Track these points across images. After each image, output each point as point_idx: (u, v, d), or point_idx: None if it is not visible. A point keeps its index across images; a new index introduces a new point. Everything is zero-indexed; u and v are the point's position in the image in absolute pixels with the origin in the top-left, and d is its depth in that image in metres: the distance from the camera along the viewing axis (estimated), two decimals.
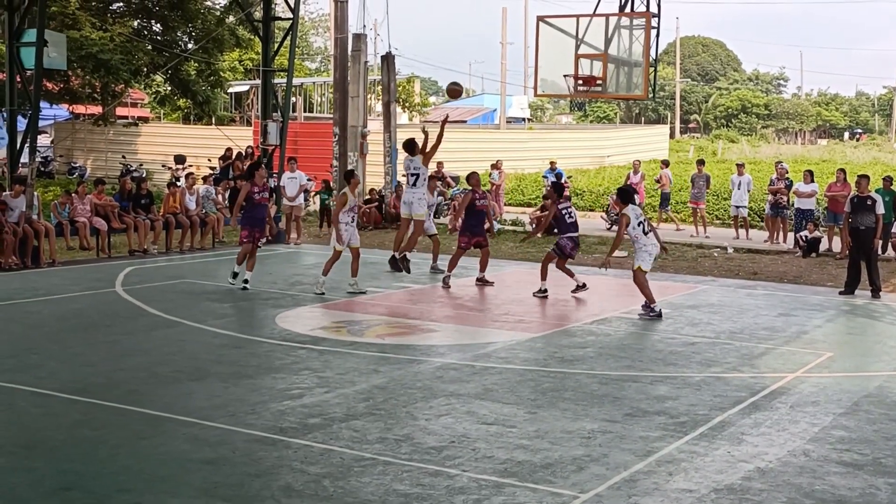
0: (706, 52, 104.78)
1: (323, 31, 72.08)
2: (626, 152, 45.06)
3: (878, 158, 50.78)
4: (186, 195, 19.54)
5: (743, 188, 22.70)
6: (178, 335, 11.51)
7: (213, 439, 7.53)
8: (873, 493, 6.71)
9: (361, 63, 25.55)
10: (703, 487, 6.71)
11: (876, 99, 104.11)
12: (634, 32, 18.06)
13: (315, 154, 30.57)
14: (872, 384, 9.73)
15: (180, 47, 29.93)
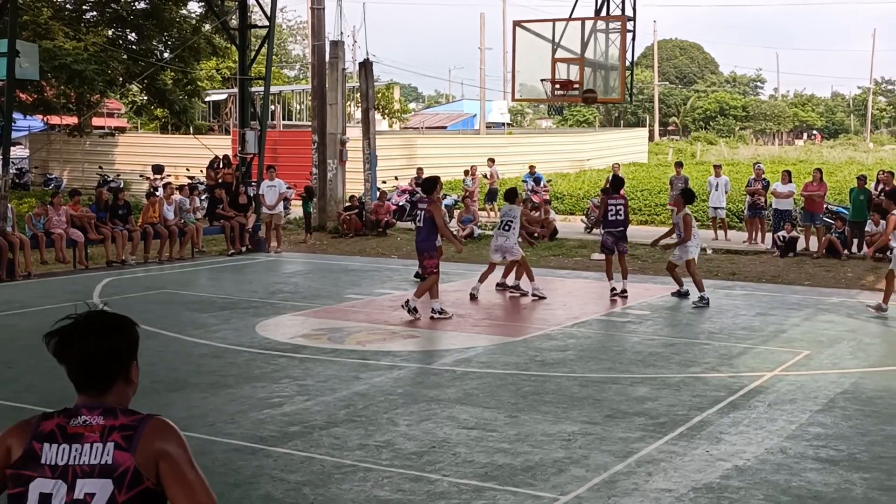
0: (684, 54, 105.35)
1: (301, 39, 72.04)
2: (605, 156, 45.25)
3: (854, 158, 51.21)
4: (164, 205, 19.47)
5: (720, 189, 22.83)
6: (157, 346, 11.45)
7: (192, 449, 7.46)
8: (849, 489, 6.76)
9: (339, 70, 25.57)
10: (681, 487, 6.74)
11: (851, 99, 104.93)
12: (611, 36, 18.14)
13: (294, 162, 30.53)
14: (848, 381, 9.81)
15: (156, 56, 29.83)
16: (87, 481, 2.67)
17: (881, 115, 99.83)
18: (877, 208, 18.25)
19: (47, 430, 2.76)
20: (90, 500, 2.67)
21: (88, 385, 2.82)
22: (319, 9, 25.76)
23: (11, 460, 2.73)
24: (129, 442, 2.71)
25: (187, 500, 2.72)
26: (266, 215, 21.13)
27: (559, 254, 20.47)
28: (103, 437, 2.72)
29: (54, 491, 2.68)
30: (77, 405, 2.81)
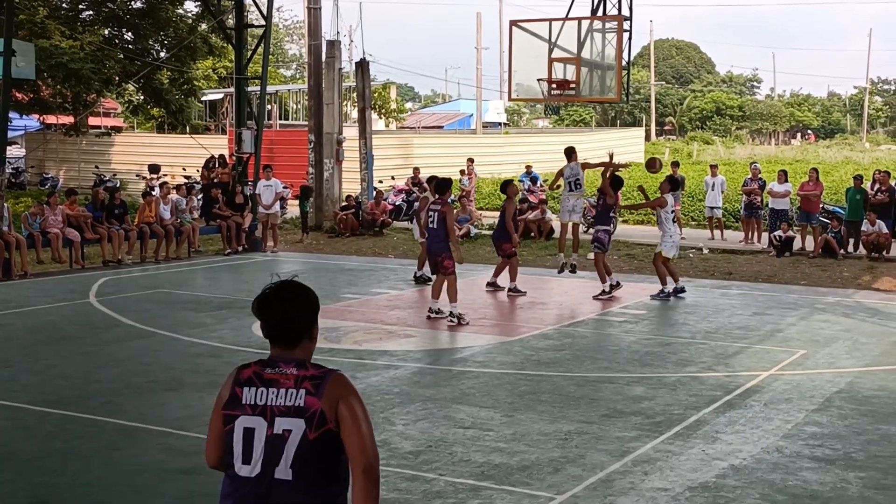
0: (680, 54, 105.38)
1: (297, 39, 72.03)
2: (602, 155, 45.11)
3: (850, 158, 51.26)
4: (161, 204, 19.45)
5: (717, 189, 22.84)
6: (153, 345, 11.45)
7: (188, 449, 7.50)
8: (844, 487, 6.78)
9: (336, 70, 25.54)
10: (677, 486, 6.75)
11: (847, 99, 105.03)
12: (607, 36, 18.16)
13: (291, 161, 30.50)
14: (844, 380, 9.83)
15: (152, 56, 29.78)
16: (284, 420, 3.23)
17: (877, 114, 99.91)
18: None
19: (245, 377, 3.36)
20: (287, 435, 3.23)
21: (282, 340, 3.39)
22: (316, 8, 25.74)
23: (222, 404, 3.36)
24: (317, 389, 3.27)
25: (358, 446, 3.25)
26: (262, 215, 21.12)
27: (555, 253, 20.44)
28: (296, 384, 3.29)
29: (256, 426, 3.26)
30: (272, 357, 3.40)
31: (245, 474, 3.27)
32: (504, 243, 15.23)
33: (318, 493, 3.25)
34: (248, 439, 3.27)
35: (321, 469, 3.25)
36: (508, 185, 15.65)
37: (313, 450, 3.23)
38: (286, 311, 3.38)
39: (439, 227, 12.90)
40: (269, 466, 3.24)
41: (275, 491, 3.23)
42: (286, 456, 3.23)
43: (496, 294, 15.26)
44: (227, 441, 3.33)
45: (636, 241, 21.79)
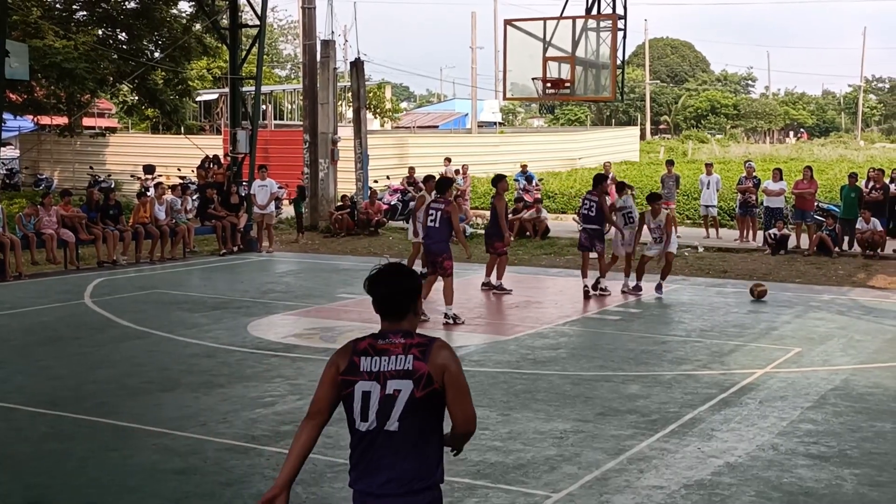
0: (675, 53, 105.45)
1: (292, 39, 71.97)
2: (596, 154, 45.26)
3: (845, 156, 51.33)
4: (156, 205, 19.42)
5: (712, 188, 22.86)
6: (148, 346, 11.44)
7: (183, 449, 7.50)
8: (839, 485, 6.79)
9: (330, 70, 25.54)
10: (673, 484, 6.76)
11: (842, 97, 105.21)
12: (601, 34, 18.14)
13: (286, 162, 30.48)
14: (839, 378, 9.84)
15: (147, 56, 29.74)
16: (394, 381, 3.80)
17: (872, 112, 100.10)
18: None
19: (362, 347, 3.89)
20: (397, 394, 3.80)
21: (390, 314, 3.91)
22: (310, 8, 25.72)
23: (341, 371, 3.88)
24: (423, 355, 3.82)
25: (459, 405, 3.87)
26: (258, 215, 21.10)
27: (551, 252, 20.49)
28: (405, 351, 3.83)
29: (372, 389, 3.82)
30: (382, 330, 3.92)
31: (363, 429, 3.86)
32: (496, 241, 15.19)
33: (418, 443, 3.84)
34: (366, 400, 3.84)
35: (423, 422, 3.83)
36: (501, 179, 15.36)
37: (418, 406, 3.80)
38: (394, 289, 3.91)
39: (442, 226, 12.75)
40: (382, 421, 3.82)
41: (389, 439, 3.83)
42: (395, 411, 3.80)
43: (491, 293, 15.24)
44: (347, 403, 3.90)
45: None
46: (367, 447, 3.88)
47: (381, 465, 3.86)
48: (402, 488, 3.84)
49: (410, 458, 3.85)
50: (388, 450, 3.84)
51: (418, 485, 3.86)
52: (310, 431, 4.02)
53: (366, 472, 3.89)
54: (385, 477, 3.85)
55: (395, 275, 3.93)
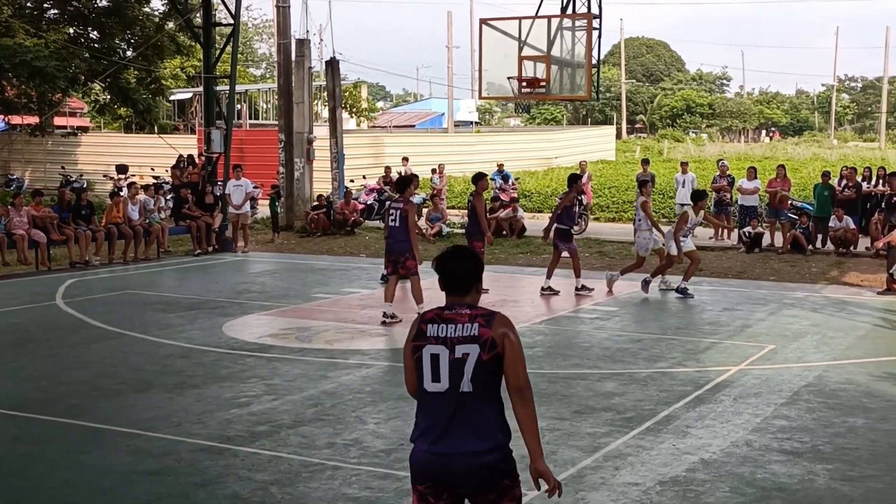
0: (650, 53, 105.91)
1: (267, 37, 71.66)
2: (573, 153, 45.40)
3: (818, 154, 51.75)
4: (129, 205, 19.28)
5: (687, 186, 22.91)
6: (121, 347, 11.35)
7: (157, 450, 7.44)
8: (812, 480, 6.84)
9: (306, 69, 25.45)
10: (648, 480, 6.78)
11: (815, 97, 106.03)
12: (577, 34, 18.17)
13: (261, 161, 30.36)
14: (812, 374, 9.91)
15: (119, 55, 29.51)
16: (462, 346, 4.22)
17: (845, 112, 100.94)
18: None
19: (429, 317, 4.35)
20: (466, 357, 4.20)
21: (456, 290, 4.39)
22: (285, 7, 25.62)
23: (411, 340, 4.34)
24: (488, 323, 4.26)
25: (515, 370, 4.27)
26: (233, 215, 20.99)
27: (527, 251, 20.52)
28: (470, 320, 4.27)
29: (440, 353, 4.24)
30: (448, 303, 4.38)
31: (434, 390, 4.24)
32: (476, 241, 15.17)
33: (487, 400, 4.23)
34: (435, 363, 4.23)
35: (490, 384, 4.23)
36: (481, 178, 15.35)
37: (485, 367, 4.21)
38: (460, 268, 4.41)
39: (401, 224, 12.53)
40: (455, 382, 4.21)
41: (461, 399, 4.20)
42: (466, 373, 4.20)
43: None
44: (417, 367, 4.30)
45: (607, 238, 21.88)
46: (439, 408, 4.24)
47: (452, 425, 4.20)
48: (483, 444, 4.20)
49: (480, 417, 4.22)
50: (459, 410, 4.21)
51: (492, 442, 4.22)
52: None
53: (437, 431, 4.24)
54: (463, 434, 4.19)
55: (459, 256, 4.45)
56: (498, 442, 4.24)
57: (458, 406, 4.20)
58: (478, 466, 4.20)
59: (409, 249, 12.52)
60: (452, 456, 4.19)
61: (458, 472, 4.21)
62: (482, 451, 4.19)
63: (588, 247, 20.76)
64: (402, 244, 12.58)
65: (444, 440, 4.21)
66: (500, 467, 4.26)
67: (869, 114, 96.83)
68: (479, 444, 4.19)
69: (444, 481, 4.24)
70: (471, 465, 4.19)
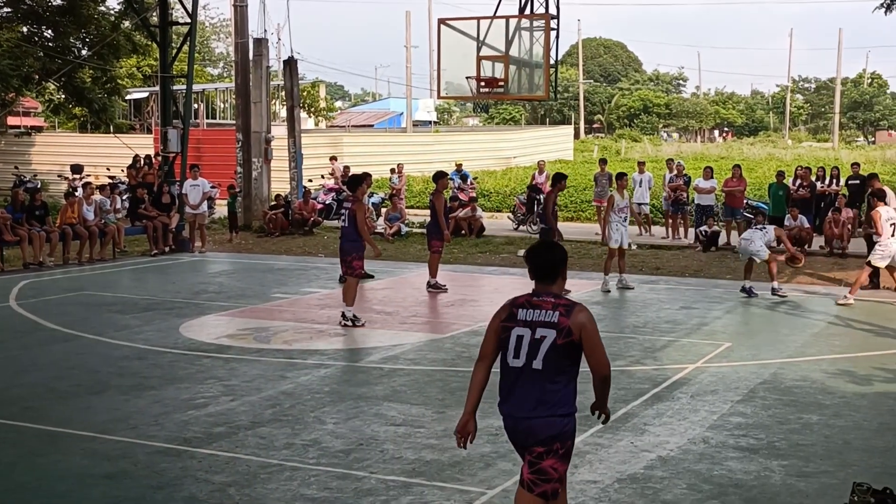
0: (608, 53, 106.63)
1: (224, 37, 71.09)
2: (531, 153, 45.58)
3: (773, 154, 52.43)
4: (84, 205, 19.03)
5: (644, 186, 23.13)
6: (77, 349, 11.21)
7: (113, 453, 7.35)
8: (768, 476, 6.92)
9: (263, 68, 25.29)
10: (606, 478, 6.82)
11: (770, 97, 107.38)
12: (535, 34, 18.25)
13: (219, 161, 30.14)
14: (767, 371, 10.04)
15: (74, 54, 29.11)
16: (542, 329, 4.86)
17: (799, 112, 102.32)
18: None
19: (520, 302, 4.98)
20: (543, 339, 4.85)
21: (544, 278, 5.01)
22: (242, 6, 25.43)
23: (502, 320, 5.00)
24: (567, 313, 4.88)
25: (594, 355, 4.91)
26: (190, 215, 20.82)
27: (486, 251, 20.57)
28: (553, 308, 4.90)
29: (524, 334, 4.90)
30: (536, 290, 5.00)
31: (514, 365, 4.92)
32: (434, 239, 15.21)
33: (554, 377, 4.87)
34: (519, 342, 4.90)
35: (560, 365, 4.87)
36: (441, 177, 15.55)
37: (558, 350, 4.84)
38: (549, 258, 5.02)
39: (350, 224, 12.46)
40: (529, 359, 4.87)
41: (532, 374, 4.88)
42: (540, 353, 4.84)
43: (432, 292, 15.20)
44: (503, 344, 4.97)
45: (566, 237, 21.94)
46: (515, 379, 4.94)
47: (527, 394, 4.92)
48: (544, 412, 4.90)
49: (550, 389, 4.88)
50: (533, 382, 4.89)
51: (560, 410, 4.92)
52: (483, 371, 5.15)
53: (515, 398, 4.96)
54: (532, 403, 4.90)
55: (548, 248, 5.11)
56: (559, 413, 4.92)
57: (529, 379, 4.90)
58: (539, 426, 4.91)
59: (357, 249, 12.46)
60: (520, 418, 4.95)
61: (522, 431, 4.98)
62: (542, 416, 4.90)
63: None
64: (350, 244, 12.53)
65: (516, 406, 4.95)
66: (558, 433, 4.95)
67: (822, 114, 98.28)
68: (540, 411, 4.90)
69: (514, 439, 5.10)
70: (534, 425, 4.92)
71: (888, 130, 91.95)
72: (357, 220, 12.37)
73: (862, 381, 9.66)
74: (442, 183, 15.41)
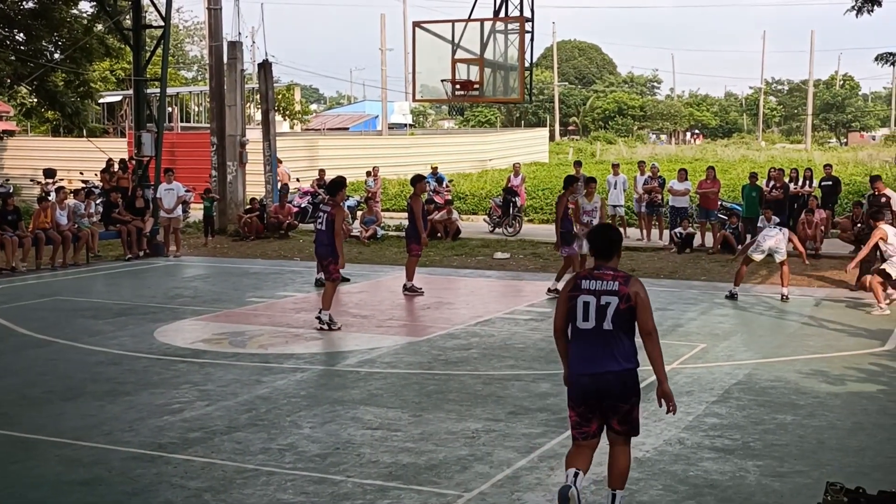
0: (582, 55, 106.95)
1: (198, 40, 70.73)
2: (507, 155, 45.66)
3: (747, 156, 52.80)
4: (57, 210, 18.88)
5: (619, 188, 23.23)
6: (50, 354, 11.11)
7: (87, 459, 7.30)
8: (743, 476, 6.97)
9: (238, 71, 25.20)
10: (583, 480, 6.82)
11: (743, 99, 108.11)
12: (510, 37, 18.29)
13: (193, 164, 30.00)
14: (742, 372, 10.10)
15: (46, 57, 28.86)
16: (606, 297, 5.86)
17: (772, 114, 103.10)
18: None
19: (583, 275, 6.02)
20: (608, 305, 5.84)
21: (603, 255, 6.03)
22: (216, 9, 25.32)
23: (569, 291, 6.01)
24: (625, 282, 5.89)
25: (645, 319, 5.89)
26: (164, 219, 20.71)
27: (462, 253, 20.58)
28: (613, 279, 5.89)
29: (590, 301, 5.88)
30: (597, 265, 6.02)
31: (584, 327, 5.91)
32: (413, 243, 15.24)
33: (621, 335, 5.88)
34: (586, 308, 5.90)
35: (624, 324, 5.88)
36: (419, 180, 15.72)
37: (621, 314, 5.86)
38: (607, 238, 6.10)
39: (328, 228, 12.46)
40: (599, 322, 5.88)
41: (603, 334, 5.87)
42: (608, 316, 5.86)
43: (408, 295, 15.19)
44: (571, 311, 5.96)
45: (541, 240, 22.02)
46: (586, 340, 5.91)
47: (602, 350, 5.85)
48: (622, 364, 5.85)
49: (618, 347, 5.85)
50: (605, 340, 5.86)
51: (629, 364, 5.88)
52: (564, 339, 6.11)
53: (585, 357, 5.92)
54: (608, 357, 5.85)
55: (607, 230, 6.27)
56: (629, 364, 5.88)
57: (601, 338, 5.85)
58: (616, 381, 5.85)
59: (333, 253, 12.46)
60: (599, 374, 5.85)
61: (602, 387, 5.86)
62: (618, 370, 5.84)
63: (522, 248, 20.92)
64: (327, 248, 12.56)
65: (592, 363, 5.87)
66: (630, 383, 5.92)
67: (795, 116, 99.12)
68: (616, 365, 5.84)
69: (592, 396, 5.90)
70: (611, 380, 5.85)
71: (860, 132, 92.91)
72: (336, 225, 12.37)
73: (835, 381, 9.75)
74: (420, 186, 15.50)
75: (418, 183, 15.56)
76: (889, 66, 21.25)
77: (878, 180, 16.58)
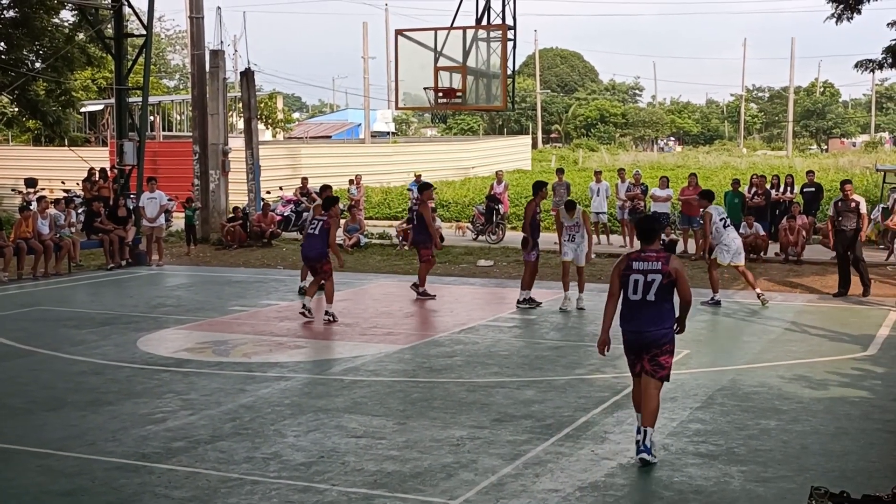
0: (564, 63, 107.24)
1: (180, 48, 70.60)
2: (489, 163, 45.69)
3: (728, 163, 53.00)
4: (39, 219, 18.76)
5: (602, 195, 23.29)
6: (32, 364, 11.04)
7: (70, 470, 7.25)
8: (727, 481, 6.99)
9: (220, 80, 25.16)
10: (568, 486, 6.85)
11: (725, 106, 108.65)
12: (492, 45, 18.37)
13: (176, 173, 29.89)
14: (726, 378, 10.14)
15: (27, 66, 28.71)
16: (651, 274, 7.36)
17: (753, 121, 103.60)
18: None
19: (633, 257, 7.49)
20: (653, 281, 7.35)
21: (647, 239, 7.53)
22: (198, 18, 25.29)
23: (622, 269, 7.48)
24: (667, 262, 7.40)
25: (684, 290, 7.41)
26: (147, 228, 20.62)
27: (445, 261, 20.56)
28: (657, 259, 7.40)
29: (639, 278, 7.39)
30: (643, 248, 7.51)
31: (634, 299, 7.41)
32: (423, 248, 15.45)
33: (662, 304, 7.38)
34: (636, 284, 7.39)
35: (665, 296, 7.37)
36: (427, 188, 16.24)
37: (664, 288, 7.35)
38: (650, 227, 7.62)
39: (321, 234, 13.54)
40: (645, 295, 7.38)
41: (647, 304, 7.39)
42: (652, 290, 7.35)
43: (387, 304, 15.19)
44: (624, 286, 7.43)
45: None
46: (635, 308, 7.42)
47: (643, 316, 7.39)
48: (657, 327, 7.39)
49: (659, 312, 7.38)
50: (648, 309, 7.38)
51: (666, 325, 7.43)
52: (613, 304, 7.56)
53: (635, 320, 7.43)
54: (648, 321, 7.39)
55: (651, 220, 7.93)
56: (666, 326, 7.42)
57: (646, 307, 7.38)
58: (655, 336, 7.38)
59: (326, 255, 13.55)
60: (642, 332, 7.40)
61: (644, 340, 7.40)
62: (656, 329, 7.38)
63: (506, 256, 20.93)
64: (318, 252, 13.58)
65: (637, 324, 7.43)
66: (667, 339, 7.43)
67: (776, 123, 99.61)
68: (655, 327, 7.38)
69: (636, 347, 7.45)
70: (652, 336, 7.38)
71: (841, 139, 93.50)
72: (331, 234, 13.50)
73: (818, 387, 9.80)
74: (427, 193, 16.11)
75: (426, 190, 16.15)
76: (869, 72, 21.37)
77: (848, 184, 16.65)
